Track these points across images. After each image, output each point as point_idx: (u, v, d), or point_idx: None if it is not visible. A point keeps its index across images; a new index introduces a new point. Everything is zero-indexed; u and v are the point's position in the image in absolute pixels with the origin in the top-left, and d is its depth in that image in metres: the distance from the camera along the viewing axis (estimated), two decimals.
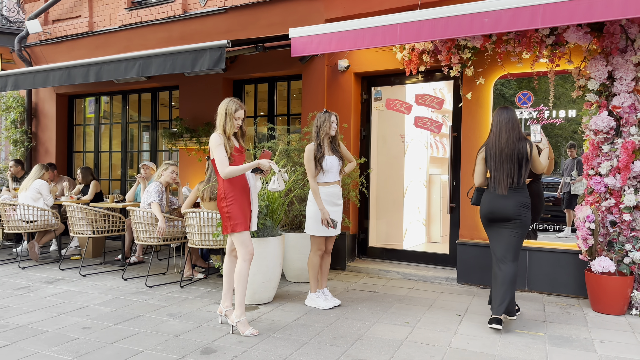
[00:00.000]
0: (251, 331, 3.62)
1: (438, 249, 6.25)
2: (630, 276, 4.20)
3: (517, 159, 3.82)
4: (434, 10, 4.47)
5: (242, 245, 3.62)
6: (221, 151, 3.56)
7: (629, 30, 4.38)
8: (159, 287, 5.11)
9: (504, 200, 3.84)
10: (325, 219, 4.26)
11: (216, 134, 3.62)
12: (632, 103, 4.33)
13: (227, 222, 3.61)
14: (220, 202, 3.65)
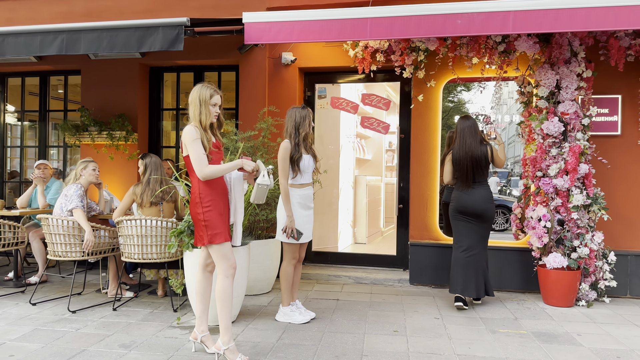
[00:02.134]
0: (242, 358, 3.10)
1: (384, 251, 6.19)
2: (578, 270, 4.55)
3: (478, 160, 4.36)
4: (407, 8, 4.36)
5: (223, 259, 3.08)
6: (198, 147, 2.98)
7: (573, 43, 4.75)
8: (85, 312, 4.21)
9: (472, 196, 4.38)
10: (291, 229, 3.87)
11: (191, 127, 3.03)
12: (576, 110, 4.71)
13: (203, 232, 3.03)
14: (194, 207, 3.05)
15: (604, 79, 4.93)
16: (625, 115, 5.00)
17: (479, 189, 4.38)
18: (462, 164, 4.38)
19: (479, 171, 4.38)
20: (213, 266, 3.26)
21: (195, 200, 3.04)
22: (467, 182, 4.39)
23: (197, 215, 3.02)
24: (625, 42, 4.73)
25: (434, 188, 5.39)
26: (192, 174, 3.09)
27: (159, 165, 4.52)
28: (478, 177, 4.39)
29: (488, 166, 4.44)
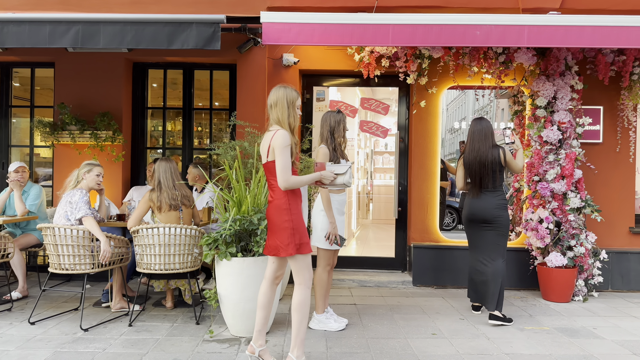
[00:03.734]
0: None
1: (383, 253, 6.23)
2: (575, 268, 4.92)
3: (490, 165, 4.21)
4: (428, 17, 4.48)
5: (307, 269, 2.98)
6: (287, 154, 2.86)
7: (567, 58, 5.13)
8: (98, 329, 3.86)
9: (480, 203, 4.24)
10: (335, 235, 3.83)
11: (284, 132, 2.89)
12: (569, 120, 5.09)
13: (290, 240, 2.90)
14: (280, 214, 2.91)
15: (588, 91, 5.36)
16: (606, 124, 5.49)
17: (488, 195, 4.19)
18: (471, 169, 4.25)
19: (489, 176, 4.19)
20: (281, 278, 3.14)
21: (282, 206, 2.90)
22: (475, 187, 4.27)
23: (284, 223, 2.89)
24: (609, 58, 5.19)
25: (434, 191, 5.57)
26: (273, 181, 2.96)
27: (174, 168, 4.25)
28: (488, 182, 4.19)
29: (501, 171, 4.24)
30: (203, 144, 6.15)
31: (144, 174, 5.95)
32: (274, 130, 2.93)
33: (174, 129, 6.19)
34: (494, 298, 4.12)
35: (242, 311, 3.67)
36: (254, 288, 3.64)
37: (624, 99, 5.37)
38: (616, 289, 5.39)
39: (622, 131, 5.47)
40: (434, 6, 5.25)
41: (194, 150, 6.04)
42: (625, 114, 5.42)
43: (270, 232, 2.98)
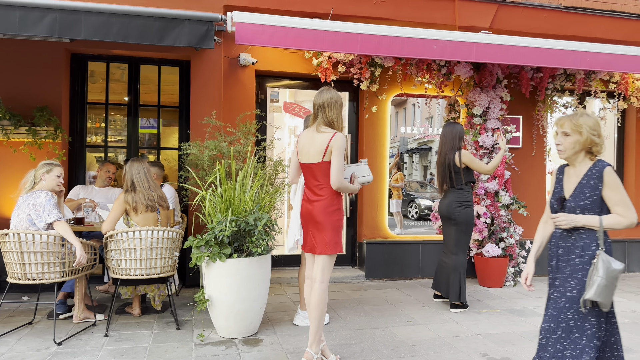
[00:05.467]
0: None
1: None
2: (506, 257, 5.63)
3: (447, 166, 4.67)
4: (393, 29, 4.83)
5: (331, 267, 3.15)
6: (343, 156, 3.01)
7: (498, 73, 5.83)
8: (72, 342, 3.58)
9: (444, 200, 4.75)
10: None
11: (343, 135, 3.04)
12: (499, 127, 5.80)
13: (338, 239, 3.08)
14: (333, 214, 3.07)
15: (511, 102, 6.14)
16: (524, 132, 6.33)
17: (450, 194, 4.58)
18: (437, 170, 4.74)
19: (447, 177, 4.58)
20: None
21: (333, 206, 3.05)
22: (439, 187, 4.81)
23: (336, 222, 3.05)
24: (530, 74, 6.01)
25: (384, 191, 5.96)
26: (327, 181, 3.08)
27: (148, 169, 4.06)
28: (450, 182, 4.57)
29: (457, 172, 4.54)
30: (151, 143, 5.86)
31: (83, 173, 5.51)
32: (330, 132, 3.02)
33: (118, 127, 5.82)
34: (454, 289, 4.54)
35: (237, 312, 3.67)
36: (249, 288, 3.68)
37: (540, 110, 6.25)
38: (536, 275, 6.24)
39: (537, 138, 6.36)
40: (384, 18, 5.64)
41: (139, 149, 5.74)
42: (540, 122, 6.31)
43: (315, 230, 3.08)
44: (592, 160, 2.46)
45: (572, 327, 2.35)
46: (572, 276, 2.40)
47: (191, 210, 5.14)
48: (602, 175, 2.40)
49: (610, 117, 6.66)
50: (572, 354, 2.32)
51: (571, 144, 2.45)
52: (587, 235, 2.40)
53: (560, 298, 2.42)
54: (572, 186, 2.48)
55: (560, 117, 2.54)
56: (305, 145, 3.17)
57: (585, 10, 6.22)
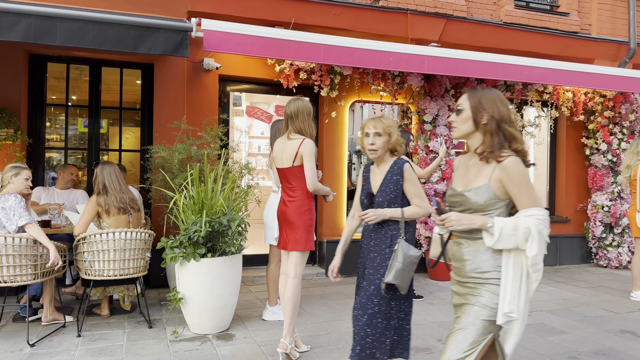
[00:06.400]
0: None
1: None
2: None
3: None
4: (354, 41, 5.15)
5: (302, 264, 3.40)
6: (314, 160, 3.31)
7: (446, 83, 6.31)
8: (45, 343, 3.63)
9: None
10: None
11: (311, 141, 3.31)
12: (447, 133, 6.28)
13: (308, 237, 3.36)
14: (305, 214, 3.34)
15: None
16: None
17: None
18: None
19: None
20: None
21: (305, 207, 3.32)
22: None
23: (307, 222, 3.30)
24: (474, 84, 6.54)
25: (343, 192, 6.28)
26: (299, 184, 3.33)
27: (118, 171, 4.15)
28: None
29: None
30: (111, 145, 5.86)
31: (43, 175, 5.45)
32: (299, 139, 3.27)
33: (78, 128, 5.77)
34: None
35: (210, 309, 3.85)
36: (222, 286, 3.87)
37: None
38: None
39: None
40: (342, 29, 5.97)
41: (100, 151, 5.73)
42: None
43: (288, 229, 3.32)
44: (393, 159, 2.66)
45: (377, 313, 2.51)
46: (382, 264, 2.56)
47: (156, 212, 5.24)
48: (402, 171, 2.59)
49: (544, 124, 7.33)
50: (373, 339, 2.50)
51: (383, 143, 2.61)
52: (395, 226, 2.59)
53: (369, 286, 2.57)
54: (378, 183, 2.65)
55: (371, 119, 2.65)
56: (278, 152, 3.43)
57: (523, 27, 6.84)
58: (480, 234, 1.97)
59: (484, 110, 1.96)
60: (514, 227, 1.89)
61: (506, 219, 1.92)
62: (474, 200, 1.97)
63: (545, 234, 1.90)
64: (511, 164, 1.90)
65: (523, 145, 1.99)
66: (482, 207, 1.97)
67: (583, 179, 7.48)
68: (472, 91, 2.03)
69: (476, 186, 1.99)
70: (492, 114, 1.95)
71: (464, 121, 2.02)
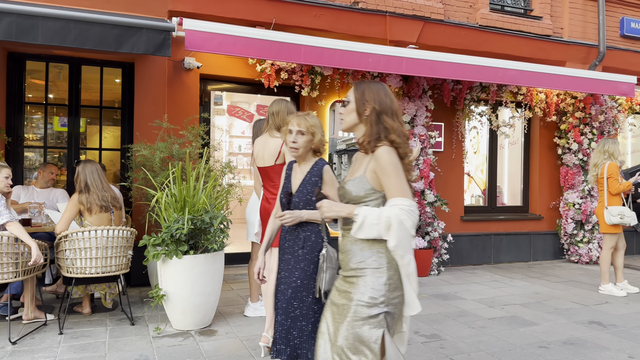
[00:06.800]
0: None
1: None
2: (431, 249, 6.27)
3: None
4: (333, 42, 5.26)
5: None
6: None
7: (424, 84, 6.46)
8: (27, 341, 3.64)
9: None
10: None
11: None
12: (425, 133, 6.44)
13: None
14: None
15: (434, 110, 6.80)
16: (446, 137, 7.04)
17: None
18: None
19: None
20: None
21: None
22: None
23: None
24: (451, 86, 6.71)
25: None
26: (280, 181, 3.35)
27: (100, 170, 4.17)
28: None
29: None
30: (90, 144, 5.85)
31: (21, 173, 5.41)
32: (278, 137, 3.33)
33: (55, 127, 5.74)
34: None
35: (192, 306, 3.90)
36: (204, 283, 3.92)
37: (459, 118, 6.98)
38: (454, 264, 6.98)
39: (456, 142, 7.09)
40: (323, 30, 6.07)
41: (80, 150, 5.71)
42: (459, 129, 7.04)
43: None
44: (315, 159, 2.61)
45: (299, 316, 2.50)
46: (296, 267, 2.54)
47: (137, 211, 5.26)
48: (321, 173, 2.56)
49: (518, 124, 7.56)
50: (300, 341, 2.49)
51: (305, 142, 2.57)
52: (309, 227, 2.54)
53: (287, 289, 2.55)
54: (298, 182, 2.60)
55: (296, 116, 2.62)
56: (259, 150, 3.50)
57: (498, 30, 7.04)
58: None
59: (366, 102, 1.95)
60: (378, 216, 1.83)
61: (373, 208, 1.87)
62: (352, 191, 1.95)
63: (408, 225, 1.82)
64: (381, 152, 1.88)
65: (402, 137, 1.94)
66: (359, 199, 1.93)
67: (555, 177, 7.73)
68: (358, 84, 2.02)
69: (353, 177, 1.98)
70: (374, 105, 1.94)
71: (349, 113, 2.01)
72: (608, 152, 5.36)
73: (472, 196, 7.98)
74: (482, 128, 7.41)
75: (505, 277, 6.25)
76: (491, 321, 4.31)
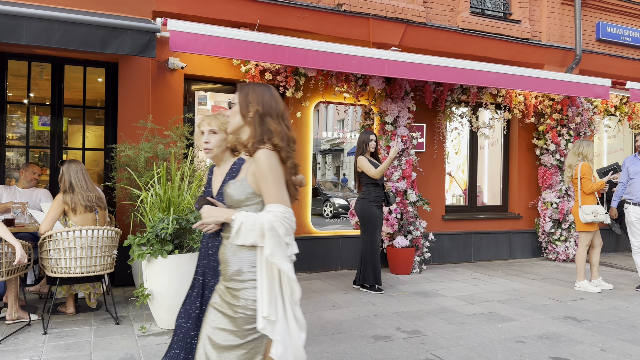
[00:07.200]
0: None
1: None
2: (413, 248, 6.39)
3: (355, 170, 5.51)
4: (318, 44, 5.33)
5: None
6: None
7: (406, 86, 6.58)
8: (11, 341, 3.64)
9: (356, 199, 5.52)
10: None
11: None
12: (407, 134, 6.55)
13: None
14: None
15: (416, 112, 6.92)
16: (427, 138, 7.17)
17: (360, 193, 5.40)
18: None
19: (358, 178, 5.43)
20: None
21: None
22: (357, 187, 5.53)
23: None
24: (432, 88, 6.84)
25: (307, 191, 6.45)
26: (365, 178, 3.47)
27: (85, 170, 4.18)
28: (358, 183, 5.44)
29: (361, 174, 5.29)
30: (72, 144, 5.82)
31: (2, 174, 5.37)
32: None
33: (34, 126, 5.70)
34: (361, 274, 5.31)
35: (177, 304, 3.91)
36: (189, 282, 3.95)
37: (440, 119, 7.12)
38: (435, 263, 7.11)
39: (438, 143, 7.23)
40: (307, 31, 6.15)
41: (63, 149, 5.69)
42: (441, 130, 7.18)
43: None
44: (234, 159, 2.46)
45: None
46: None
47: (121, 211, 5.26)
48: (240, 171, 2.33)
49: (498, 125, 7.73)
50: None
51: (219, 142, 2.45)
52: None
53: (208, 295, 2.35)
54: (218, 185, 2.44)
55: (206, 116, 2.51)
56: None
57: (478, 33, 7.20)
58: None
59: (250, 104, 1.92)
60: (253, 223, 1.77)
61: (250, 214, 1.82)
62: (233, 194, 1.90)
63: (282, 232, 1.74)
64: (260, 156, 1.82)
65: (284, 141, 1.89)
66: (240, 202, 1.88)
67: (534, 177, 7.92)
68: (242, 86, 1.99)
69: (235, 180, 1.94)
70: (257, 107, 1.91)
71: (234, 115, 1.97)
72: (582, 154, 5.54)
73: (453, 196, 8.13)
74: (463, 129, 7.56)
75: (485, 275, 6.41)
76: (470, 317, 4.44)
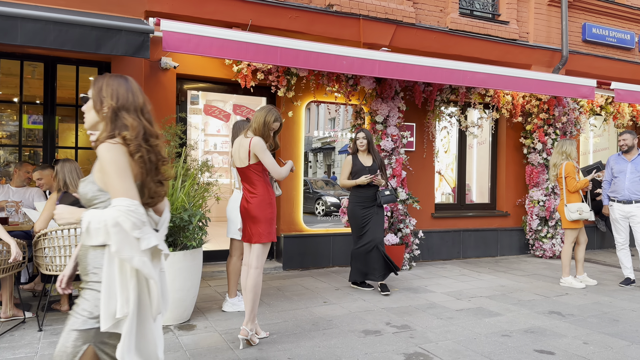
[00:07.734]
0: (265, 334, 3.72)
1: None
2: (403, 245, 6.50)
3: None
4: (309, 44, 5.40)
5: (264, 255, 3.61)
6: (268, 153, 3.53)
7: (396, 86, 6.68)
8: (6, 338, 3.68)
9: None
10: None
11: (259, 138, 3.54)
12: (397, 133, 6.65)
13: (270, 229, 3.56)
14: (266, 208, 3.54)
15: (406, 111, 7.03)
16: (417, 137, 7.28)
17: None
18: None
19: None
20: None
21: (266, 202, 3.53)
22: None
23: (269, 215, 3.52)
24: (421, 88, 6.95)
25: (299, 189, 6.54)
26: (259, 179, 3.53)
27: (79, 169, 4.22)
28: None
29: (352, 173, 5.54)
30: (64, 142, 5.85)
31: None
32: (250, 137, 3.48)
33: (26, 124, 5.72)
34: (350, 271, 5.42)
35: (172, 301, 3.99)
36: (183, 279, 4.03)
37: (430, 119, 7.23)
38: (425, 260, 7.23)
39: (427, 142, 7.34)
40: (298, 31, 6.22)
41: (56, 148, 5.71)
42: (430, 129, 7.30)
43: (251, 223, 3.52)
44: None
45: None
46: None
47: None
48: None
49: (486, 125, 7.86)
50: None
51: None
52: None
53: None
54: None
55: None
56: (236, 150, 3.64)
57: (467, 34, 7.32)
58: None
59: (104, 99, 1.80)
60: (99, 220, 1.65)
61: (98, 211, 1.69)
62: (83, 193, 1.81)
63: (127, 226, 1.63)
64: (101, 150, 1.72)
65: (134, 133, 1.77)
66: (89, 201, 1.79)
67: (521, 176, 8.07)
68: (96, 80, 1.87)
69: (84, 178, 1.85)
70: (111, 102, 1.79)
71: (88, 110, 1.86)
72: (565, 152, 5.69)
73: (443, 194, 8.26)
74: (452, 128, 7.69)
75: (473, 272, 6.54)
76: (458, 312, 4.55)
